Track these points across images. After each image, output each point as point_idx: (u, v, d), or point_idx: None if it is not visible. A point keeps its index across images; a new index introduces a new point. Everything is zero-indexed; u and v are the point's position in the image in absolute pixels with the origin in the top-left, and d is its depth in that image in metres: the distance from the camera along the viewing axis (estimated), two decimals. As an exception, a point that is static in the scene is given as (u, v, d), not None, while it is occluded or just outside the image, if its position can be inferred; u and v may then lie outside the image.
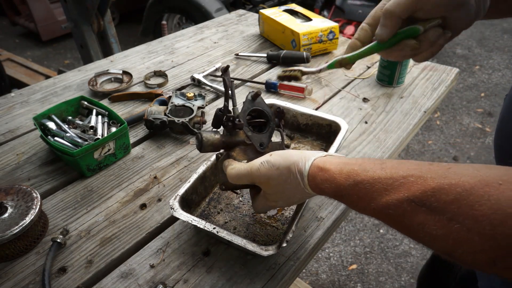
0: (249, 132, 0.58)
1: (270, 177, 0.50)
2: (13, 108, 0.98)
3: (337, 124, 0.80)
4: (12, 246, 0.60)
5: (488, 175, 0.34)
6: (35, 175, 0.77)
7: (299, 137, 0.86)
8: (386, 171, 0.41)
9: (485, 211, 0.32)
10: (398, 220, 0.39)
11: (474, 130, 2.66)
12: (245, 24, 1.42)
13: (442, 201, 0.35)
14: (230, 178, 0.54)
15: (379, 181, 0.41)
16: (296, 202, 0.55)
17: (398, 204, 0.38)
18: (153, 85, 1.05)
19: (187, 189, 0.65)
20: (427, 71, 1.09)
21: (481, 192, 0.33)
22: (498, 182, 0.33)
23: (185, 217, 0.59)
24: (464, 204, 0.34)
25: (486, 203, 0.32)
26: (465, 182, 0.35)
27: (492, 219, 0.32)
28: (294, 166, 0.49)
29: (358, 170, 0.44)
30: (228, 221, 0.66)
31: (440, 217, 0.35)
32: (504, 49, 3.64)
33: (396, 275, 1.74)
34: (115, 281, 0.57)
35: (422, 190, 0.37)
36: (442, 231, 0.35)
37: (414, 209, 0.37)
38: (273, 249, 0.55)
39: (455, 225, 0.34)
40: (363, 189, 0.42)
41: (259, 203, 0.56)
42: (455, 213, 0.34)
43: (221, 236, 0.57)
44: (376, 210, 0.41)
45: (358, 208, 0.44)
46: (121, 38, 2.72)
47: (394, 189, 0.39)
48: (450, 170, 0.37)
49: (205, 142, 0.57)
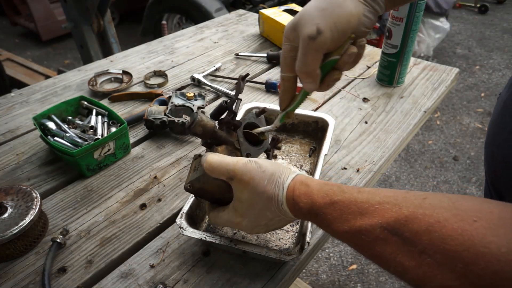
0: (242, 138, 0.57)
1: (253, 177, 0.48)
2: (13, 108, 0.98)
3: (324, 120, 0.80)
4: (12, 246, 0.60)
5: (464, 209, 0.34)
6: (35, 175, 0.77)
7: (286, 137, 0.86)
8: (363, 195, 0.41)
9: (457, 247, 0.32)
10: (370, 246, 0.39)
11: (474, 130, 2.66)
12: (245, 24, 1.42)
13: (414, 231, 0.35)
14: (210, 165, 0.49)
15: (355, 204, 0.41)
16: (262, 223, 0.50)
17: (371, 230, 0.38)
18: (153, 85, 1.05)
19: (191, 205, 0.62)
20: (427, 71, 1.09)
21: (455, 226, 0.33)
22: (473, 218, 0.32)
23: (197, 235, 0.57)
24: (435, 236, 0.33)
25: (459, 238, 0.32)
26: (439, 214, 0.34)
27: (464, 257, 0.31)
28: (278, 174, 0.48)
29: (336, 191, 0.44)
30: (236, 232, 0.64)
31: (411, 248, 0.35)
32: (504, 49, 3.64)
33: (396, 275, 1.73)
34: (115, 281, 0.57)
35: (395, 217, 0.36)
36: (413, 263, 0.34)
37: (387, 236, 0.37)
38: (295, 252, 0.54)
39: (426, 258, 0.33)
40: (338, 210, 0.42)
41: (223, 215, 0.53)
42: (426, 245, 0.34)
43: (240, 248, 0.55)
44: (348, 234, 0.40)
45: (329, 229, 0.43)
46: (121, 38, 2.72)
47: (368, 213, 0.39)
48: (425, 201, 0.37)
49: (198, 120, 0.52)
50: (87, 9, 1.82)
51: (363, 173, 0.76)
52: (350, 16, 0.47)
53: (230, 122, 0.56)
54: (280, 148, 0.82)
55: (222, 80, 1.08)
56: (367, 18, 0.50)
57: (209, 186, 0.53)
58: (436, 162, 2.40)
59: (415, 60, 1.14)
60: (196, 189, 0.54)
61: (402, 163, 2.39)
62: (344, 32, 0.48)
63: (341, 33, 0.47)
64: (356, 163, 0.78)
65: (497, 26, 4.10)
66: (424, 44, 3.21)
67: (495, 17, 4.34)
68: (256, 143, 0.61)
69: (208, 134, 0.54)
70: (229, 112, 0.56)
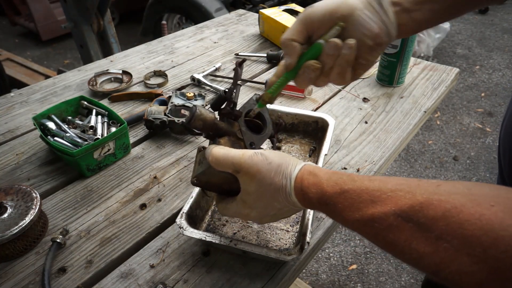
0: (244, 127, 0.55)
1: (260, 170, 0.47)
2: (13, 108, 0.98)
3: (324, 120, 0.80)
4: (11, 246, 0.60)
5: (480, 194, 0.34)
6: (35, 175, 0.77)
7: (286, 137, 0.86)
8: (375, 183, 0.41)
9: (475, 232, 0.31)
10: (383, 234, 0.38)
11: (474, 130, 2.66)
12: (245, 24, 1.42)
13: (430, 217, 0.34)
14: (215, 158, 0.49)
15: (366, 192, 0.40)
16: (271, 214, 0.50)
17: (384, 218, 0.37)
18: (153, 85, 1.05)
19: (191, 205, 0.62)
20: (427, 71, 1.09)
21: (472, 211, 0.32)
22: (490, 203, 0.32)
23: (197, 235, 0.57)
24: (453, 221, 0.33)
25: (477, 223, 0.31)
26: (455, 199, 0.34)
27: (483, 241, 0.31)
28: (285, 165, 0.48)
29: (346, 180, 0.43)
30: (236, 232, 0.65)
31: (427, 234, 0.34)
32: (505, 49, 3.64)
33: (396, 275, 1.74)
34: (115, 281, 0.57)
35: (410, 204, 0.36)
36: (429, 249, 0.34)
37: (401, 224, 0.36)
38: (295, 252, 0.54)
39: (443, 244, 0.33)
40: (349, 199, 0.41)
41: (231, 206, 0.52)
42: (443, 231, 0.33)
43: (240, 248, 0.55)
44: (360, 222, 0.40)
45: (340, 219, 0.43)
46: (121, 38, 2.72)
47: (381, 201, 0.38)
48: (439, 187, 0.36)
49: (197, 114, 0.51)
50: (87, 9, 1.82)
51: (363, 173, 0.76)
52: (343, 2, 0.48)
53: (230, 113, 0.54)
54: (280, 148, 0.82)
55: (222, 80, 1.08)
56: (367, 17, 0.48)
57: (215, 179, 0.52)
58: (436, 162, 2.40)
59: (415, 60, 1.14)
60: (202, 183, 0.54)
61: (402, 163, 2.39)
62: (331, 13, 0.48)
63: (327, 13, 0.48)
64: (356, 163, 0.78)
65: (497, 26, 4.10)
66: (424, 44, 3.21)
67: (495, 17, 4.34)
68: (258, 129, 0.59)
69: (209, 127, 0.53)
70: (229, 103, 0.55)
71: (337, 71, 0.51)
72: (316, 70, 0.50)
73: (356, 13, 0.48)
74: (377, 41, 0.49)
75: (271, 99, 0.54)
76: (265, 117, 0.60)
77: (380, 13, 0.48)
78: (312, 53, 0.50)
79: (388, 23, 0.49)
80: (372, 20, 0.48)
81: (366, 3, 0.48)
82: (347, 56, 0.49)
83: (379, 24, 0.48)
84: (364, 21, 0.48)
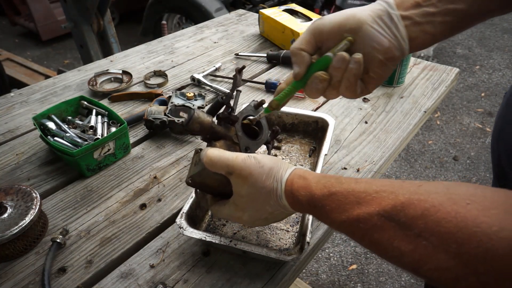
0: (240, 132, 0.57)
1: (252, 173, 0.48)
2: (13, 108, 0.98)
3: (324, 120, 0.80)
4: (11, 246, 0.60)
5: (457, 193, 0.35)
6: (35, 175, 0.77)
7: (286, 137, 0.86)
8: (361, 185, 0.42)
9: (451, 229, 0.33)
10: (368, 234, 0.39)
11: (474, 130, 2.66)
12: (245, 24, 1.42)
13: (410, 216, 0.36)
14: (209, 159, 0.50)
15: (352, 194, 0.42)
16: (263, 217, 0.51)
17: (369, 218, 0.39)
18: (153, 85, 1.05)
19: (191, 205, 0.62)
20: (427, 71, 1.09)
21: (449, 209, 0.34)
22: (466, 201, 0.34)
23: (197, 235, 0.57)
24: (431, 220, 0.34)
25: (453, 221, 0.33)
26: (434, 198, 0.35)
27: (458, 237, 0.32)
28: (276, 168, 0.49)
29: (334, 183, 0.45)
30: (236, 232, 0.65)
31: (408, 232, 0.36)
32: (505, 49, 3.64)
33: (396, 275, 1.74)
34: (115, 281, 0.57)
35: (392, 204, 0.37)
36: (409, 247, 0.35)
37: (384, 223, 0.38)
38: (295, 252, 0.54)
39: (422, 241, 0.34)
40: (336, 200, 0.43)
41: (224, 209, 0.53)
42: (422, 229, 0.35)
43: (240, 248, 0.55)
44: (346, 223, 0.41)
45: (328, 220, 0.44)
46: (121, 38, 2.72)
47: (366, 202, 0.40)
48: (421, 188, 0.38)
49: (195, 117, 0.53)
50: (87, 9, 1.82)
51: (363, 173, 0.76)
52: (351, 15, 0.49)
53: (227, 117, 0.55)
54: (280, 148, 0.82)
55: (222, 80, 1.08)
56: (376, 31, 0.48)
57: (209, 180, 0.53)
58: (436, 162, 2.40)
59: (415, 60, 1.14)
60: (197, 183, 0.55)
61: (402, 163, 2.39)
62: (340, 26, 0.49)
63: (336, 26, 0.49)
64: (356, 163, 0.78)
65: (497, 26, 4.10)
66: (424, 44, 3.20)
67: (495, 17, 4.34)
68: (255, 135, 0.60)
69: (206, 130, 0.55)
70: (226, 107, 0.56)
71: (346, 85, 0.51)
72: (323, 81, 0.51)
73: (365, 27, 0.48)
74: (388, 56, 0.49)
75: (278, 106, 0.55)
76: (262, 123, 0.61)
77: (391, 27, 0.48)
78: (321, 65, 0.51)
79: (399, 37, 0.48)
80: (381, 34, 0.48)
81: (375, 17, 0.48)
82: (354, 70, 0.49)
83: (389, 38, 0.48)
84: (374, 35, 0.48)
